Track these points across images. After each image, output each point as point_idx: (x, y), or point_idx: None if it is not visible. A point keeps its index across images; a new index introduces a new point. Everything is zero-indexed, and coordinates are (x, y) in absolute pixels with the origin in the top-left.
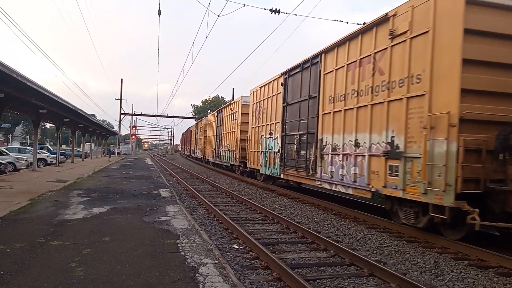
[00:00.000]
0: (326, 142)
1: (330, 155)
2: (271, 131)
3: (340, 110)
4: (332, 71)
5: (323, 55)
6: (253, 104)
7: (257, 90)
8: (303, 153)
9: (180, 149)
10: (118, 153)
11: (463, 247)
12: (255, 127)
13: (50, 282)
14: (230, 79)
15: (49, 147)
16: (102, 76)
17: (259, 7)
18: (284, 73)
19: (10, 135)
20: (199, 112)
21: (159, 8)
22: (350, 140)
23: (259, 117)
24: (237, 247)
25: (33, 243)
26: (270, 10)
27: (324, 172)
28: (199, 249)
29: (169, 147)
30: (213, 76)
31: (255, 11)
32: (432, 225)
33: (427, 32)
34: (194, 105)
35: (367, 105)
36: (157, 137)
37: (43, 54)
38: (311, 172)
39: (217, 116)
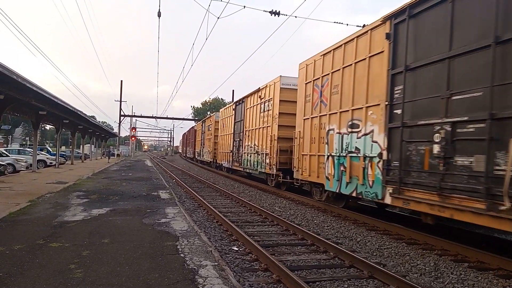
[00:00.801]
0: None
1: None
2: (355, 121)
3: None
4: None
5: None
6: (306, 84)
7: (315, 61)
8: (464, 160)
9: (180, 151)
10: (118, 155)
11: (463, 249)
12: (313, 117)
13: (50, 283)
14: (230, 80)
15: (49, 148)
16: (102, 77)
17: (259, 9)
18: (393, 15)
19: (10, 136)
20: (199, 114)
21: (159, 10)
22: None
23: (321, 101)
24: (237, 249)
25: (32, 245)
26: (270, 12)
27: None
28: (198, 251)
29: (168, 148)
30: (213, 77)
31: (255, 13)
32: None
33: None
34: (194, 106)
35: None
36: (157, 138)
37: (42, 55)
38: (508, 204)
39: (235, 109)
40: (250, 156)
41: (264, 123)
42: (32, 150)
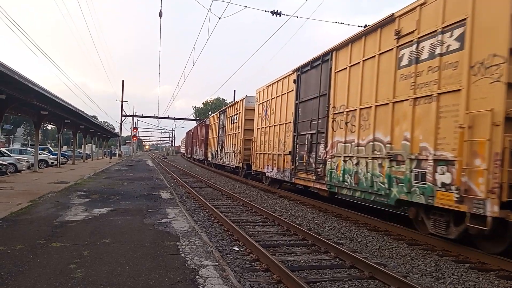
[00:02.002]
0: None
1: None
2: None
3: None
4: None
5: None
6: None
7: None
8: None
9: (183, 151)
10: (119, 155)
11: (464, 250)
12: None
13: (50, 283)
14: (231, 80)
15: (50, 148)
16: (103, 77)
17: (260, 9)
18: None
19: (12, 136)
20: (200, 114)
21: (160, 10)
22: None
23: None
24: (238, 249)
25: (33, 244)
26: (271, 12)
27: None
28: (199, 251)
29: (170, 148)
30: (214, 78)
31: (256, 13)
32: None
33: None
34: (195, 106)
35: None
36: (158, 138)
37: (44, 55)
38: None
39: (297, 81)
40: (357, 163)
41: (423, 89)
42: (33, 149)
